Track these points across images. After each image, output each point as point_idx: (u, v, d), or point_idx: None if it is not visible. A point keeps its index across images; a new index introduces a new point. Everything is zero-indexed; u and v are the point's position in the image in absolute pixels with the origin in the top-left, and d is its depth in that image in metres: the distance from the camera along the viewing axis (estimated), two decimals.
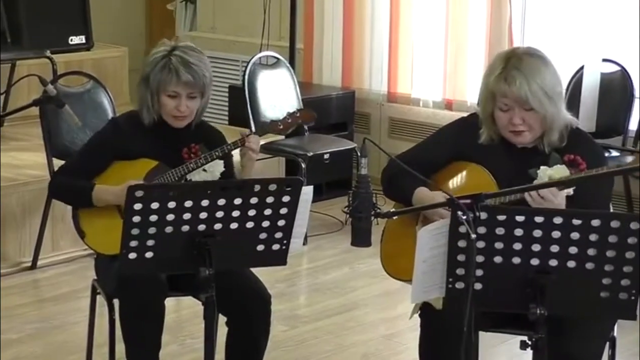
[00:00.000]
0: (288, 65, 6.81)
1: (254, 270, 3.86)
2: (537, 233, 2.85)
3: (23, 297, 5.33)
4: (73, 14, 7.28)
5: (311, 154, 6.33)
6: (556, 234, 2.84)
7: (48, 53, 6.60)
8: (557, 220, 2.84)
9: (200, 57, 3.89)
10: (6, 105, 6.10)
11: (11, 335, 4.87)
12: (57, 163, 5.15)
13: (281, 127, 4.06)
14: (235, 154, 3.93)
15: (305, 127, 6.40)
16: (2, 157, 6.20)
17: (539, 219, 2.85)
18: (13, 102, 6.13)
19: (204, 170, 3.86)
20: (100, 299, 4.10)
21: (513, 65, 3.37)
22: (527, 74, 3.35)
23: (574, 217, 2.84)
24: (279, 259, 3.42)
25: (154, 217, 3.21)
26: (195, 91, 3.85)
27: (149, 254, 3.27)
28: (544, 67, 3.40)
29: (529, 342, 2.92)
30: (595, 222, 2.81)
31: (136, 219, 3.20)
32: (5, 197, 5.61)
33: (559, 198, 3.26)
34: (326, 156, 6.43)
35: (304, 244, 3.82)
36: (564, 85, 4.31)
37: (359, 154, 6.65)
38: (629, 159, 5.72)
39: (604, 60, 6.17)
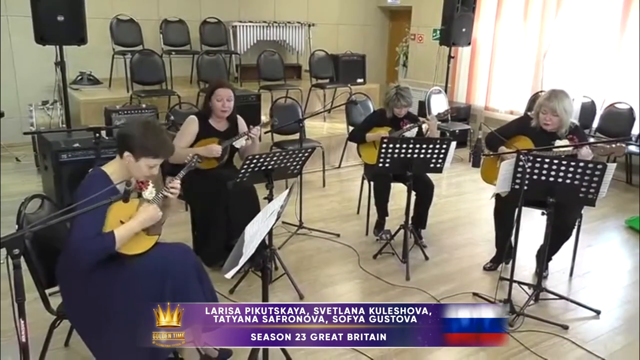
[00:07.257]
0: (444, 92, 6.51)
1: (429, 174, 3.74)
2: (554, 166, 2.68)
3: (333, 179, 5.38)
4: (358, 69, 7.23)
5: (452, 129, 6.08)
6: (562, 167, 2.67)
7: (348, 86, 6.62)
8: (563, 162, 2.67)
9: (408, 93, 3.74)
10: (332, 104, 6.18)
11: (329, 192, 4.97)
12: (350, 128, 5.18)
13: (442, 116, 3.88)
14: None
15: (449, 118, 6.15)
16: (330, 124, 6.28)
17: (555, 161, 2.68)
18: (335, 103, 6.20)
19: (409, 131, 3.76)
20: (365, 183, 4.12)
21: (553, 95, 3.11)
22: (559, 99, 3.09)
23: (571, 161, 2.67)
24: (439, 170, 3.33)
25: (390, 149, 3.21)
26: (407, 106, 3.76)
27: (387, 164, 3.27)
28: (566, 98, 3.12)
29: (545, 212, 2.78)
30: (581, 164, 2.64)
31: (383, 150, 3.21)
32: (329, 140, 5.65)
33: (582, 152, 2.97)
34: (457, 131, 6.17)
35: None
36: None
37: (472, 131, 6.42)
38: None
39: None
